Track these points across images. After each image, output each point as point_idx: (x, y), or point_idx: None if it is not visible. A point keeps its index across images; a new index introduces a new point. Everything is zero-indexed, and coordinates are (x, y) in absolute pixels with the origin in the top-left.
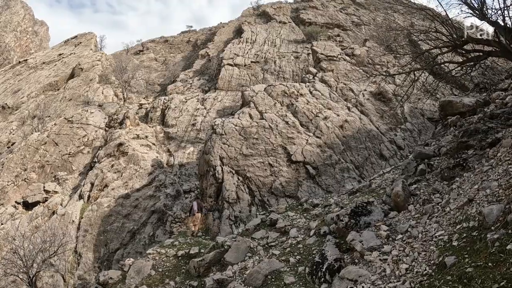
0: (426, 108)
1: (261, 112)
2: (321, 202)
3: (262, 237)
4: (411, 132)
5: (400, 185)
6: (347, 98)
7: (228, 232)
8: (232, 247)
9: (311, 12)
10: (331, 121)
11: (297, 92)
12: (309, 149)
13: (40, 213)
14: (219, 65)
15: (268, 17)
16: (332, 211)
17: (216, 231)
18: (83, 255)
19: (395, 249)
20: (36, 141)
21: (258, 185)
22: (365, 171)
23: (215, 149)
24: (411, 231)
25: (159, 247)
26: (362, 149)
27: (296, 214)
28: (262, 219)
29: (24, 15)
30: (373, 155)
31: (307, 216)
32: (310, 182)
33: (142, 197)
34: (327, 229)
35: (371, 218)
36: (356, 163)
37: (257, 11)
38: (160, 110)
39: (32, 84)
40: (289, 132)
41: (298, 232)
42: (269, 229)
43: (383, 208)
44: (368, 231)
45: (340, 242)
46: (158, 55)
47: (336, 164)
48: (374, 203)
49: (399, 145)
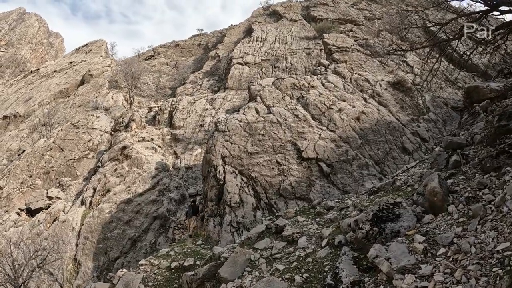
0: (449, 97)
1: (268, 106)
2: (336, 204)
3: (265, 247)
4: (435, 123)
5: (436, 179)
6: (362, 89)
7: (229, 240)
8: (229, 260)
9: (322, 9)
10: (346, 113)
11: (308, 84)
12: (322, 144)
13: (42, 220)
14: (229, 65)
15: (278, 16)
16: (349, 215)
17: (216, 240)
18: (83, 263)
19: (438, 271)
20: (42, 147)
21: (265, 186)
22: (386, 167)
23: (217, 147)
24: (458, 242)
25: (154, 257)
26: (382, 143)
27: (307, 219)
28: (267, 225)
29: (38, 27)
30: (394, 149)
31: (320, 221)
32: (324, 181)
33: (144, 202)
34: (343, 239)
35: (400, 225)
36: (376, 158)
37: (267, 11)
38: (168, 112)
39: (43, 92)
40: (299, 126)
41: (308, 242)
42: (274, 238)
43: (414, 211)
44: (397, 243)
45: (360, 257)
46: (169, 59)
47: (353, 160)
48: (403, 204)
49: (423, 137)
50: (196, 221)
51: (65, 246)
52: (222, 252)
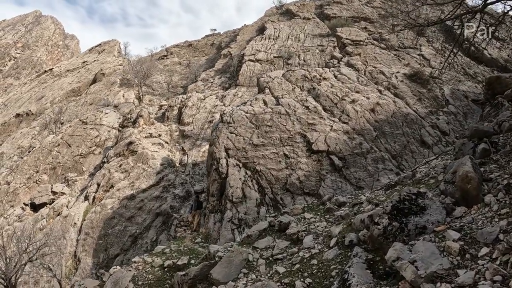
0: (468, 90)
1: (277, 97)
2: (348, 200)
3: (266, 246)
4: (456, 116)
5: (468, 163)
6: (377, 81)
7: (229, 238)
8: (223, 260)
9: (336, 7)
10: (360, 105)
11: (319, 76)
12: (334, 136)
13: (45, 215)
14: (240, 62)
15: (291, 15)
16: (363, 210)
17: (216, 237)
18: (82, 260)
19: (484, 278)
20: (50, 143)
21: (270, 181)
22: (404, 161)
23: (220, 139)
24: (508, 239)
25: (148, 254)
26: (399, 135)
27: (315, 216)
28: (270, 222)
29: (54, 30)
30: (412, 142)
31: (330, 218)
32: (335, 175)
33: (147, 198)
34: (355, 238)
35: (426, 219)
36: (392, 151)
37: (280, 10)
38: (177, 108)
39: (55, 91)
40: (309, 118)
41: (314, 241)
42: (277, 236)
43: (442, 202)
44: (423, 241)
45: (375, 260)
46: (182, 59)
47: (367, 153)
48: (428, 195)
49: (443, 130)
50: (200, 216)
51: (62, 241)
52: (217, 251)
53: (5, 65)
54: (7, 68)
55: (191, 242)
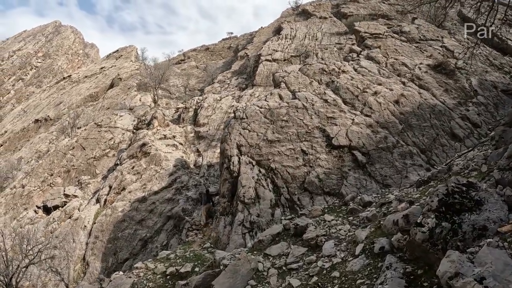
0: (497, 80)
1: (293, 91)
2: (375, 199)
3: (280, 253)
4: (486, 107)
5: None
6: (400, 73)
7: (239, 243)
8: (228, 269)
9: (353, 6)
10: (383, 96)
11: (338, 69)
12: (356, 130)
13: (57, 218)
14: (257, 62)
15: (307, 15)
16: (395, 209)
17: (225, 242)
18: (91, 264)
19: None
20: (65, 147)
21: (286, 179)
22: (434, 155)
23: (233, 135)
24: None
25: (152, 260)
26: (427, 128)
27: (336, 218)
28: (285, 225)
29: (74, 39)
30: (442, 135)
31: (354, 220)
32: (359, 173)
33: (159, 201)
34: (386, 244)
35: (486, 217)
36: (420, 145)
37: (296, 11)
38: (193, 110)
39: (73, 96)
40: (328, 111)
41: (336, 248)
42: (293, 241)
43: (500, 194)
44: (489, 247)
45: (416, 273)
46: (199, 63)
47: (393, 147)
48: (481, 186)
49: (474, 122)
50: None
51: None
52: (223, 258)
53: (26, 74)
54: (28, 76)
55: (199, 247)
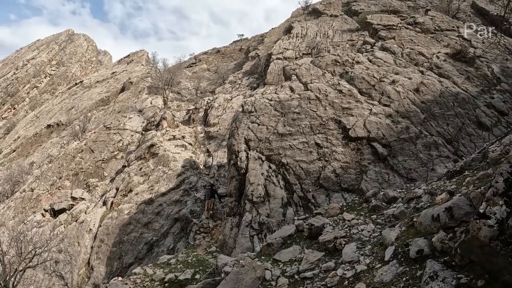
0: None
1: (305, 83)
2: (400, 194)
3: (292, 259)
4: (511, 94)
5: None
6: (417, 62)
7: (246, 247)
8: (229, 278)
9: (363, 3)
10: (401, 85)
11: (352, 60)
12: (374, 120)
13: (63, 221)
14: (268, 61)
15: (318, 14)
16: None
17: (231, 246)
18: (95, 268)
19: None
20: (74, 150)
21: (299, 175)
22: (461, 146)
23: (240, 130)
24: None
25: (153, 265)
26: (452, 117)
27: (357, 217)
28: (298, 226)
29: (87, 47)
30: (468, 124)
31: (378, 219)
32: (379, 166)
33: (166, 203)
34: (426, 246)
35: None
36: (446, 135)
37: (306, 11)
38: (203, 110)
39: (85, 101)
40: (343, 102)
41: (358, 252)
42: (307, 244)
43: None
44: None
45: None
46: (210, 65)
47: (417, 138)
48: None
49: (500, 110)
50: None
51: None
52: (225, 264)
53: (41, 81)
54: (43, 84)
55: (204, 251)
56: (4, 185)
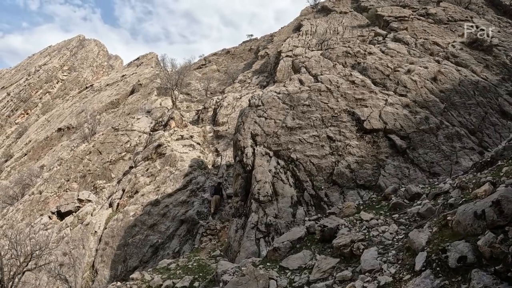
0: None
1: (315, 75)
2: (423, 190)
3: (301, 266)
4: None
5: None
6: (432, 52)
7: (252, 251)
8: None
9: None
10: (417, 74)
11: (363, 51)
12: (390, 111)
13: (69, 223)
14: (277, 58)
15: (327, 11)
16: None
17: (236, 250)
18: (99, 271)
19: None
20: (82, 152)
21: (310, 171)
22: (486, 136)
23: (246, 124)
24: None
25: (152, 270)
26: (473, 106)
27: (377, 216)
28: (309, 227)
29: (98, 52)
30: (491, 113)
31: (401, 218)
32: (398, 160)
33: (172, 204)
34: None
35: None
36: (469, 126)
37: (315, 9)
38: (212, 110)
39: (95, 104)
40: (356, 93)
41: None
42: (319, 249)
43: None
44: None
45: None
46: (220, 66)
47: (437, 129)
48: None
49: None
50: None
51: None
52: (225, 272)
53: (53, 87)
54: (55, 89)
55: (207, 255)
56: (14, 188)
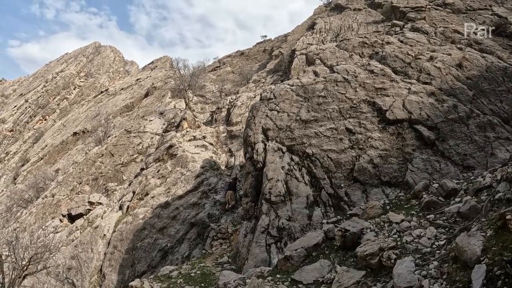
0: None
1: (331, 66)
2: (459, 186)
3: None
4: None
5: None
6: (453, 40)
7: (261, 259)
8: None
9: None
10: (441, 61)
11: (381, 41)
12: (414, 99)
13: (79, 226)
14: (291, 57)
15: (341, 9)
16: None
17: (244, 257)
18: (107, 276)
19: None
20: (94, 155)
21: (328, 167)
22: None
23: (257, 118)
24: None
25: (153, 277)
26: (504, 93)
27: (408, 218)
28: (328, 231)
29: (114, 58)
30: None
31: (438, 219)
32: (427, 153)
33: (183, 206)
34: None
35: None
36: (501, 114)
37: (329, 7)
38: (226, 110)
39: (109, 108)
40: (376, 82)
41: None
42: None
43: None
44: None
45: None
46: (235, 68)
47: (468, 118)
48: None
49: None
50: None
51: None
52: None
53: (70, 93)
54: (72, 96)
55: (214, 261)
56: (29, 191)
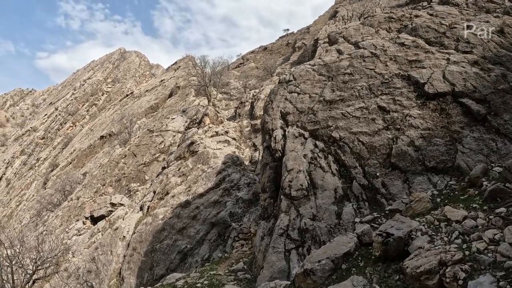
0: None
1: (355, 43)
2: None
3: None
4: None
5: None
6: (488, 9)
7: (279, 269)
8: None
9: None
10: (479, 29)
11: (409, 15)
12: (456, 70)
13: (101, 228)
14: (314, 46)
15: None
16: None
17: (260, 264)
18: (126, 279)
19: None
20: (118, 156)
21: (360, 153)
22: None
23: (275, 103)
24: None
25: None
26: None
27: (471, 213)
28: (362, 235)
29: (139, 62)
30: None
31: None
32: (479, 131)
33: (204, 205)
34: None
35: None
36: None
37: None
38: (249, 104)
39: (135, 110)
40: (409, 54)
41: None
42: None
43: None
44: None
45: None
46: (258, 63)
47: None
48: None
49: None
50: None
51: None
52: None
53: (99, 99)
54: (101, 101)
55: (227, 268)
56: (57, 195)
